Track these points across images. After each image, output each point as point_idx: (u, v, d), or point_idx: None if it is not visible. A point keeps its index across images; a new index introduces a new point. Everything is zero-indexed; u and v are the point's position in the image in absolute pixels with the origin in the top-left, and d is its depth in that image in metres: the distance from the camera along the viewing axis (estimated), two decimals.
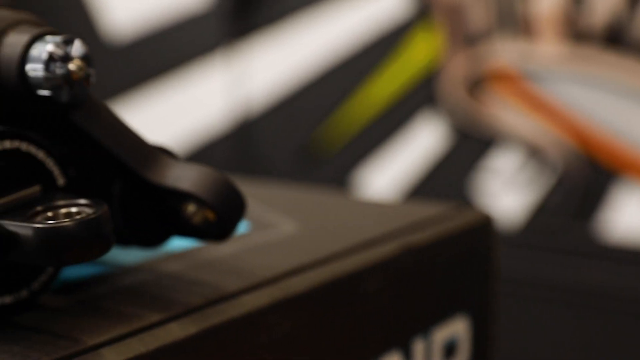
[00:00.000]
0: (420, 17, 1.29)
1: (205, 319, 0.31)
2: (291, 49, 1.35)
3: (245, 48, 1.37)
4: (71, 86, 0.31)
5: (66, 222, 0.28)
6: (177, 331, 0.30)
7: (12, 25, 0.31)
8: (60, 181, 0.31)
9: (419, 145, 1.31)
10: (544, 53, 1.24)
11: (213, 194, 0.33)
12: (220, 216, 0.33)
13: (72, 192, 0.31)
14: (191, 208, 0.33)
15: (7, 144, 0.30)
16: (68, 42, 0.31)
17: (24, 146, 0.31)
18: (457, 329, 0.41)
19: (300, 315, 0.34)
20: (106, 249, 0.29)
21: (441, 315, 0.41)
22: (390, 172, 1.33)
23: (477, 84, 1.28)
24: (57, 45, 0.31)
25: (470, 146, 1.29)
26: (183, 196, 0.33)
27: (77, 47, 0.31)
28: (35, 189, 0.31)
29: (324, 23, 1.33)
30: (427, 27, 1.29)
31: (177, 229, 0.34)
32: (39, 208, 0.30)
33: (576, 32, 1.22)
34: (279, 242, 0.39)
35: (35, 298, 0.31)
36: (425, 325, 0.40)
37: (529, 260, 1.23)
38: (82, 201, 0.30)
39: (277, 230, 0.40)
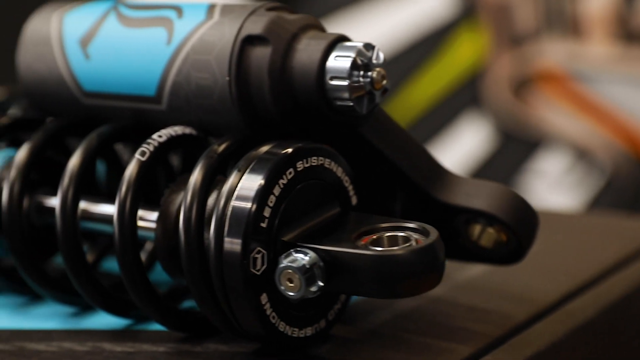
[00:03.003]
0: (465, 16, 1.27)
1: (515, 352, 0.29)
2: None
3: None
4: (371, 97, 0.28)
5: (398, 250, 0.26)
6: None
7: (303, 29, 0.29)
8: (354, 200, 0.29)
9: (463, 146, 1.28)
10: (593, 53, 1.22)
11: (511, 213, 0.30)
12: (518, 238, 0.30)
13: (366, 212, 0.29)
14: (478, 228, 0.30)
15: (314, 161, 0.27)
16: (369, 49, 0.28)
17: (327, 163, 0.28)
18: None
19: (588, 344, 0.31)
20: (439, 280, 0.26)
21: None
22: None
23: (524, 85, 1.26)
24: (359, 52, 0.28)
25: (515, 148, 1.26)
26: (475, 215, 0.30)
27: (378, 54, 0.28)
28: (336, 209, 0.28)
29: (367, 22, 1.30)
30: (472, 27, 1.27)
31: (455, 251, 0.31)
32: (362, 230, 0.27)
33: (627, 32, 1.21)
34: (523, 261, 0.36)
35: (330, 328, 0.28)
36: None
37: None
38: (409, 224, 0.27)
39: None
